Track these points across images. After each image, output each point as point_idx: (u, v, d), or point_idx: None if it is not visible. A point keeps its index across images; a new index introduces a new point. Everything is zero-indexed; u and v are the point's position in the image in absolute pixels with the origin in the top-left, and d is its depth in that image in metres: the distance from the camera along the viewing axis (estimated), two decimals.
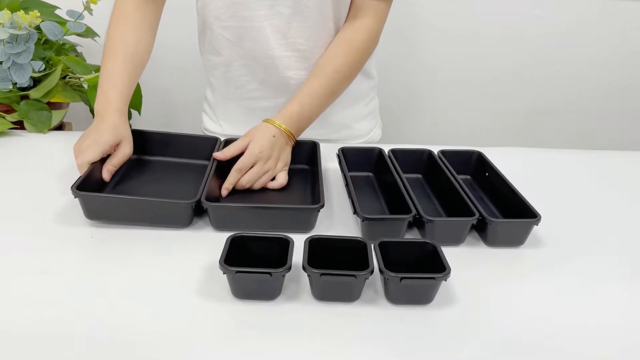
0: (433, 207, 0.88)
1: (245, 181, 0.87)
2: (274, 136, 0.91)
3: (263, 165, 0.89)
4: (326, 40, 1.00)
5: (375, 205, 0.88)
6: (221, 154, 0.90)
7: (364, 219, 0.76)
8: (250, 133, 0.92)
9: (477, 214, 0.77)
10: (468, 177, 0.98)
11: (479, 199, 0.90)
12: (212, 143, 0.98)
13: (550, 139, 1.86)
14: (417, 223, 0.80)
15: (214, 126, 1.17)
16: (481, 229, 0.80)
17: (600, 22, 1.69)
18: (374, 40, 1.00)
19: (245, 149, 0.89)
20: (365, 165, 0.97)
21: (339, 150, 0.97)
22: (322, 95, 0.97)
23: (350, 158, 0.96)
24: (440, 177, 0.91)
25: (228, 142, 0.95)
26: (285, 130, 0.92)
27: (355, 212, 0.78)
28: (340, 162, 0.95)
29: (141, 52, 0.97)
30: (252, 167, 0.88)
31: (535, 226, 0.78)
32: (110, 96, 0.91)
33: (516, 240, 0.79)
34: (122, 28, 0.96)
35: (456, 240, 0.78)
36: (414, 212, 0.77)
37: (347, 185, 0.87)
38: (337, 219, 0.84)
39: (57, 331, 0.60)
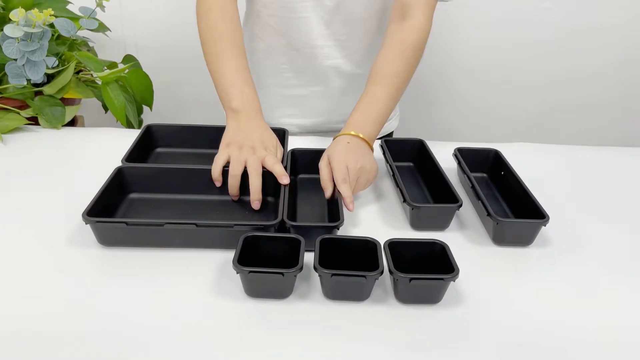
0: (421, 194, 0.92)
1: (355, 189, 0.84)
2: (348, 142, 0.88)
3: (355, 171, 0.84)
4: (366, 32, 1.07)
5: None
6: (329, 192, 0.84)
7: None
8: (325, 153, 0.88)
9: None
10: (484, 175, 0.98)
11: (493, 197, 0.91)
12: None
13: (561, 135, 1.85)
14: None
15: None
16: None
17: (614, 15, 1.68)
18: (426, 38, 0.99)
19: (330, 167, 0.85)
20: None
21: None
22: (385, 99, 0.94)
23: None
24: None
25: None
26: (356, 135, 0.90)
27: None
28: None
29: (243, 45, 0.99)
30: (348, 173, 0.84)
31: (543, 226, 0.79)
32: (251, 96, 0.93)
33: (524, 240, 0.80)
34: (229, 26, 0.97)
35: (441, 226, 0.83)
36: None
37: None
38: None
39: (70, 329, 0.62)
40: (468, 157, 0.95)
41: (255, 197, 0.81)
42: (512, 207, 0.88)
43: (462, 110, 1.84)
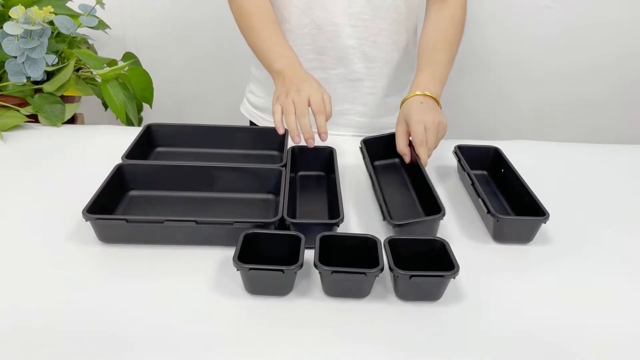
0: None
1: (432, 148, 0.91)
2: (421, 102, 0.95)
3: (434, 127, 0.91)
4: (390, 11, 1.08)
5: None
6: (408, 157, 0.93)
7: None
8: (400, 115, 0.96)
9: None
10: (484, 172, 0.98)
11: (493, 195, 0.91)
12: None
13: (561, 132, 1.85)
14: None
15: (264, 103, 1.20)
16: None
17: (613, 13, 1.68)
18: (466, 11, 1.11)
19: (409, 131, 0.92)
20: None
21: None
22: (444, 61, 1.04)
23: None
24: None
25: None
26: (424, 94, 0.98)
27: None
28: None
29: (273, 14, 1.06)
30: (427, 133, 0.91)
31: (543, 224, 0.79)
32: (289, 54, 0.99)
33: (524, 237, 0.80)
34: (249, 2, 1.04)
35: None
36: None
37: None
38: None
39: (69, 326, 0.62)
40: (468, 155, 0.95)
41: (308, 135, 0.86)
42: (512, 204, 0.88)
43: (461, 108, 1.84)
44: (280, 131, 0.90)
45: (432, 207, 0.80)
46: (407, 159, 0.92)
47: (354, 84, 1.14)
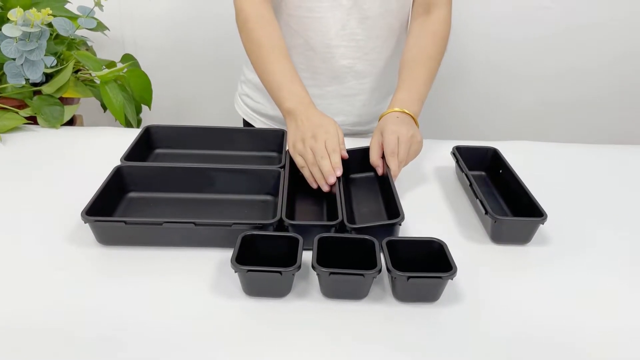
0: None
1: (403, 161, 0.90)
2: (397, 117, 0.95)
3: (407, 139, 0.90)
4: (382, 31, 1.08)
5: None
6: (381, 168, 0.90)
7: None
8: (377, 129, 0.95)
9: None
10: (482, 173, 0.98)
11: (491, 196, 0.91)
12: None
13: (560, 133, 1.85)
14: None
15: (264, 108, 1.19)
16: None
17: (611, 13, 1.68)
18: (450, 26, 1.09)
19: (382, 143, 0.91)
20: None
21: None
22: (424, 79, 1.02)
23: None
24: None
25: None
26: (402, 111, 0.96)
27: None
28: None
29: (284, 45, 1.01)
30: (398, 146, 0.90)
31: (541, 225, 0.79)
32: (300, 92, 0.96)
33: (522, 238, 0.80)
34: (267, 30, 1.00)
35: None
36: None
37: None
38: None
39: (68, 328, 0.62)
40: (466, 156, 0.96)
41: (331, 180, 0.84)
42: (511, 205, 0.88)
43: (461, 108, 1.84)
44: (314, 185, 0.87)
45: (396, 214, 0.78)
46: (380, 171, 0.90)
47: (347, 99, 1.15)
